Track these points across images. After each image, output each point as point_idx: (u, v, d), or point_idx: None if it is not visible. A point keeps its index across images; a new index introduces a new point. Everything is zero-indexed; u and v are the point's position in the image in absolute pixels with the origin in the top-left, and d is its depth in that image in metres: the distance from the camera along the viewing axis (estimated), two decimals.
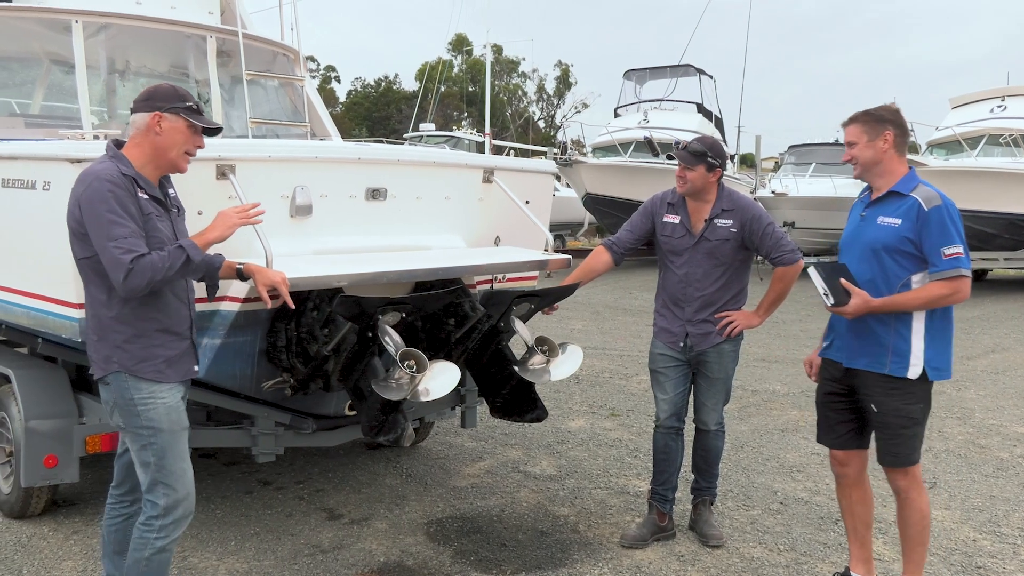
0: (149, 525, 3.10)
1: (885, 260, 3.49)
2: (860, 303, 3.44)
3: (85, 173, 2.96)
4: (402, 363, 3.58)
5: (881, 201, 3.56)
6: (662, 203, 4.47)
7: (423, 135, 28.08)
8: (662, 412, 4.44)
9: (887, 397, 3.53)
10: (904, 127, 3.56)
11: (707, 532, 4.51)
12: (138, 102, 3.06)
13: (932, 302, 3.44)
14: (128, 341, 3.01)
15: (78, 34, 5.61)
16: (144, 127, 3.03)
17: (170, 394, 3.10)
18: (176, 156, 3.07)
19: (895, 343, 3.50)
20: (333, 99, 56.32)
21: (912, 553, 3.66)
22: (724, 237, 4.29)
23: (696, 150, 4.25)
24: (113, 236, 2.85)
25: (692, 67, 25.28)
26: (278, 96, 6.79)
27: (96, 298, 3.02)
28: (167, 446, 3.08)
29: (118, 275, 2.85)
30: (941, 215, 3.39)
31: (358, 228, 4.09)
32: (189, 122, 3.05)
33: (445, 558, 4.27)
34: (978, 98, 20.15)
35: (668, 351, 4.43)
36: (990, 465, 5.92)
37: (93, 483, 5.21)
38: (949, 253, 3.37)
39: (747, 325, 4.38)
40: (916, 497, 3.61)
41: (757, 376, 8.76)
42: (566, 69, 58.92)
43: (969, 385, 8.54)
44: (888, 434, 3.56)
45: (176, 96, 3.06)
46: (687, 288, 4.35)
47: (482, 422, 6.24)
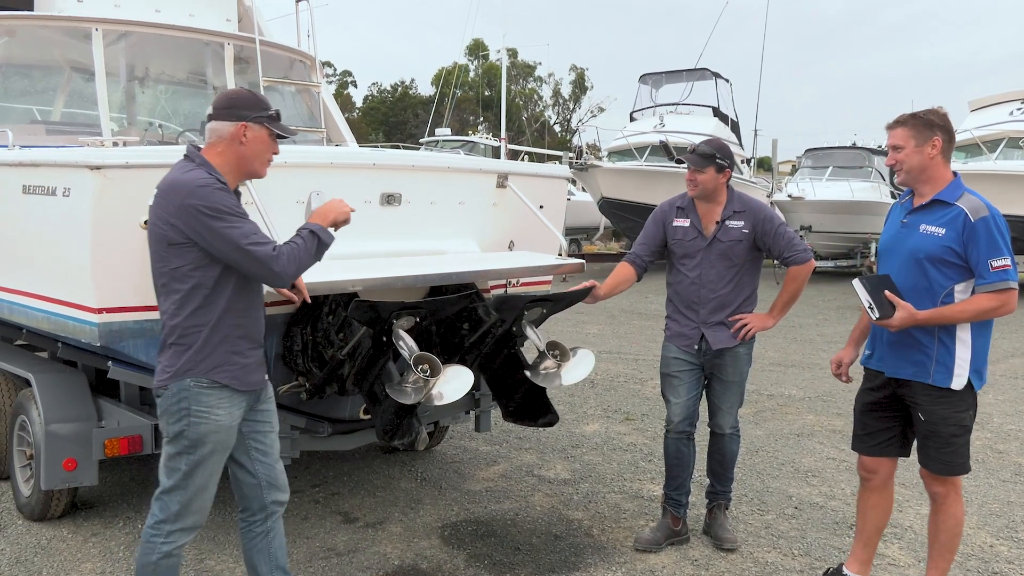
0: (157, 529, 3.10)
1: (928, 269, 3.43)
2: (906, 316, 3.40)
3: (180, 181, 2.91)
4: (416, 367, 3.61)
5: (925, 209, 3.50)
6: (671, 208, 4.48)
7: (439, 140, 28.17)
8: (675, 416, 4.44)
9: (936, 406, 3.48)
10: (952, 133, 3.50)
11: (721, 536, 4.51)
12: (219, 110, 3.05)
13: (979, 314, 3.39)
14: (212, 347, 3.00)
15: (98, 42, 5.68)
16: (228, 136, 3.02)
17: (227, 412, 3.06)
18: (259, 165, 3.11)
19: (939, 353, 3.46)
20: (350, 104, 56.59)
21: (939, 559, 3.63)
22: (737, 238, 4.30)
23: (705, 152, 4.26)
24: (246, 234, 2.89)
25: (708, 71, 25.24)
26: (295, 102, 6.84)
27: (184, 306, 2.98)
28: (201, 462, 3.07)
29: (269, 266, 2.89)
30: (988, 226, 3.34)
31: (373, 233, 4.12)
32: (271, 130, 3.08)
33: (459, 562, 4.29)
34: (997, 101, 19.98)
35: (682, 355, 4.43)
36: (1008, 470, 5.87)
37: (112, 486, 5.26)
38: (997, 265, 3.33)
39: (762, 327, 4.38)
40: (953, 503, 3.57)
41: (773, 380, 8.73)
42: (581, 73, 58.97)
43: (988, 390, 8.47)
44: (939, 443, 3.49)
45: (259, 104, 3.07)
46: (700, 290, 4.36)
47: (496, 426, 6.26)
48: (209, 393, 3.02)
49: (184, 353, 3.00)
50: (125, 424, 4.37)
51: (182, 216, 2.88)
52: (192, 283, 2.96)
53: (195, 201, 2.86)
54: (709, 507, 4.67)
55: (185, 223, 2.88)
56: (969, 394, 3.49)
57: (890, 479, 3.79)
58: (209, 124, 3.06)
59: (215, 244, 2.88)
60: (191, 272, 2.95)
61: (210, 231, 2.86)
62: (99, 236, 3.54)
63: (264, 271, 2.92)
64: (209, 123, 3.06)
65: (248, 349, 3.11)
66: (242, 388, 3.09)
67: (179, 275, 2.96)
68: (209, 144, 3.06)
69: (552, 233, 4.69)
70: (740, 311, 4.36)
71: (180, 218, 2.88)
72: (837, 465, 5.91)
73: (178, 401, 3.02)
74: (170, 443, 3.08)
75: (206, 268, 2.95)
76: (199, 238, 2.89)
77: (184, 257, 2.94)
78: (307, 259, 2.99)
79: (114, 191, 3.49)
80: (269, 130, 3.07)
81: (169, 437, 3.08)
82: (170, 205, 2.90)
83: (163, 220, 2.92)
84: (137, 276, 3.64)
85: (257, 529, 3.35)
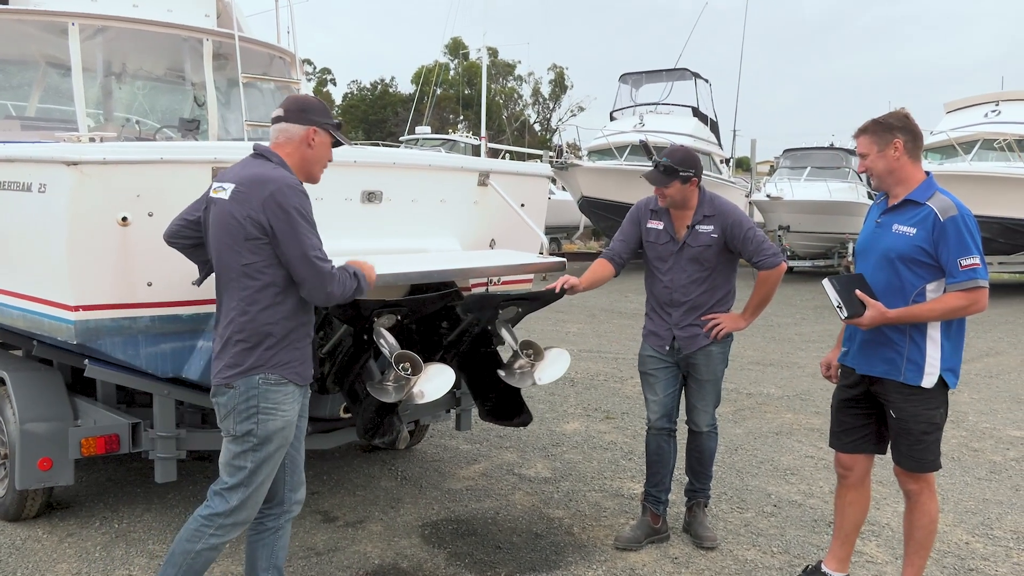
0: (211, 521, 3.11)
1: (900, 269, 3.46)
2: (876, 315, 3.43)
3: (270, 177, 2.93)
4: (397, 366, 3.59)
5: (897, 209, 3.53)
6: (646, 209, 4.50)
7: (419, 138, 28.11)
8: (652, 414, 4.46)
9: (906, 404, 3.51)
10: (915, 132, 3.52)
11: (701, 534, 4.53)
12: (290, 112, 3.10)
13: (949, 313, 3.41)
14: (282, 344, 3.03)
15: (74, 36, 5.62)
16: (298, 139, 3.09)
17: (292, 408, 3.10)
18: (319, 169, 3.19)
19: (911, 351, 3.49)
20: (329, 102, 56.30)
21: (914, 556, 3.67)
22: (706, 243, 4.31)
23: (668, 167, 4.23)
24: (316, 246, 2.94)
25: (688, 71, 25.34)
26: (274, 99, 6.79)
27: (252, 305, 2.98)
28: (267, 459, 3.10)
29: (324, 283, 2.95)
30: (958, 225, 3.36)
31: (354, 231, 4.10)
32: (334, 138, 3.16)
33: (440, 560, 4.28)
34: (973, 103, 20.21)
35: (656, 353, 4.45)
36: (983, 468, 5.94)
37: (88, 486, 5.21)
38: (966, 264, 3.34)
39: (733, 327, 4.40)
40: (927, 501, 3.61)
41: (751, 379, 8.78)
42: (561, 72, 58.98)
43: (963, 388, 8.56)
44: (910, 440, 3.53)
45: (327, 112, 3.16)
46: (673, 293, 4.38)
47: (477, 425, 6.25)
48: (277, 389, 3.04)
49: (253, 350, 3.01)
50: (102, 423, 4.32)
51: (269, 210, 2.89)
52: (265, 280, 2.97)
53: (287, 198, 2.90)
54: (688, 505, 4.69)
55: (272, 216, 2.89)
56: (941, 392, 3.52)
57: (867, 476, 3.82)
58: (278, 125, 3.11)
59: (288, 243, 2.91)
60: (264, 269, 2.96)
61: (292, 230, 2.90)
62: (76, 233, 3.50)
63: (318, 285, 2.97)
64: (278, 124, 3.11)
65: (307, 345, 3.16)
66: (302, 383, 3.14)
67: (252, 271, 2.96)
68: (277, 144, 3.11)
69: (534, 231, 4.69)
70: (714, 312, 4.38)
71: (266, 212, 2.89)
72: (815, 463, 5.95)
73: (247, 399, 3.02)
74: (235, 441, 3.08)
75: (278, 266, 2.97)
76: (280, 233, 2.90)
77: (259, 253, 2.94)
78: (347, 293, 3.06)
79: (91, 187, 3.45)
80: (333, 138, 3.16)
81: (235, 435, 3.07)
82: (256, 198, 2.91)
83: (243, 214, 2.92)
84: (114, 273, 3.60)
85: (269, 524, 3.37)
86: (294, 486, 3.38)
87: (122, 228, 3.51)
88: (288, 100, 3.19)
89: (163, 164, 3.58)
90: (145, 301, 3.71)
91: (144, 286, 3.67)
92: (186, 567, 3.13)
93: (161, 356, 3.87)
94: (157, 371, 3.92)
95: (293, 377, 3.08)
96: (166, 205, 3.41)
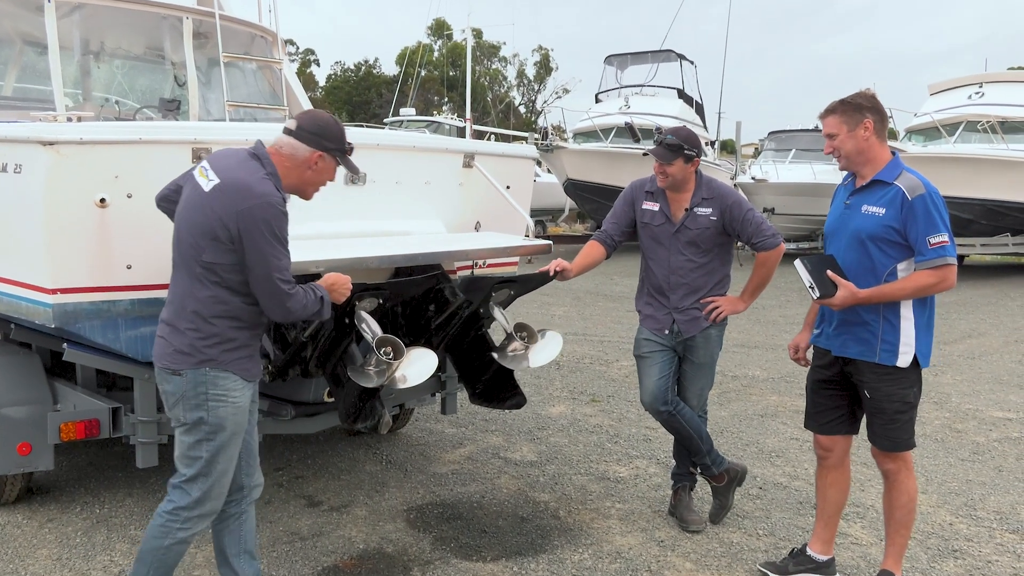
0: (176, 515, 3.08)
1: (871, 249, 3.47)
2: (847, 295, 3.44)
3: (251, 190, 2.87)
4: (379, 350, 3.55)
5: (866, 189, 3.54)
6: (641, 190, 4.45)
7: (403, 120, 27.95)
8: (644, 397, 4.42)
9: (880, 383, 3.54)
10: (882, 112, 3.53)
11: (687, 517, 4.53)
12: (304, 132, 3.02)
13: (919, 291, 3.43)
14: (229, 340, 2.99)
15: (51, 14, 5.50)
16: (301, 159, 3.03)
17: (242, 394, 3.07)
18: (313, 191, 3.16)
19: (885, 331, 3.51)
20: (312, 83, 55.89)
21: (895, 536, 3.69)
22: (705, 226, 4.29)
23: (672, 144, 4.20)
24: (282, 268, 2.90)
25: (673, 52, 25.29)
26: (256, 79, 6.70)
27: (213, 297, 2.94)
28: (223, 446, 3.06)
29: (281, 303, 2.92)
30: (926, 203, 3.37)
31: (337, 213, 4.05)
32: (338, 163, 3.12)
33: (425, 544, 4.26)
34: (956, 84, 20.27)
35: (653, 336, 4.42)
36: (966, 449, 5.97)
37: (69, 470, 5.15)
38: (935, 242, 3.36)
39: (732, 310, 4.38)
40: (905, 479, 3.63)
41: (737, 362, 8.79)
42: (546, 54, 58.80)
43: (946, 370, 8.61)
44: (884, 419, 3.56)
45: (342, 140, 3.09)
46: (671, 276, 4.35)
47: (462, 408, 6.23)
48: (226, 377, 3.01)
49: (204, 341, 2.97)
50: (82, 408, 4.27)
51: (243, 222, 2.84)
52: (223, 281, 2.94)
53: (263, 216, 2.84)
54: (675, 488, 4.68)
55: (244, 230, 2.84)
56: (914, 371, 3.55)
57: (846, 457, 3.84)
58: (287, 138, 3.04)
59: (254, 260, 2.87)
60: (224, 273, 2.92)
61: (260, 250, 2.85)
62: (52, 214, 3.43)
63: (276, 305, 2.94)
64: (288, 137, 3.04)
65: (257, 343, 3.13)
66: (250, 379, 3.11)
67: (212, 269, 2.93)
68: (279, 153, 3.03)
69: (519, 214, 4.64)
70: (712, 295, 4.36)
71: (240, 223, 2.84)
72: (800, 445, 5.96)
73: (195, 387, 2.98)
74: (188, 431, 3.04)
75: (237, 273, 2.93)
76: (248, 248, 2.86)
77: (222, 256, 2.90)
78: (307, 313, 3.03)
79: (68, 168, 3.38)
80: (337, 163, 3.12)
81: (188, 425, 3.03)
82: (231, 206, 2.85)
83: (216, 215, 2.87)
84: (93, 255, 3.54)
85: (232, 511, 3.33)
86: (251, 471, 3.36)
87: (100, 209, 3.44)
88: (306, 117, 3.09)
89: (142, 144, 3.51)
90: (124, 284, 3.65)
91: (123, 269, 3.61)
92: (157, 563, 3.10)
93: (141, 340, 3.81)
94: (138, 355, 3.87)
95: (242, 373, 3.05)
96: (145, 186, 3.35)
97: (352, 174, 3.18)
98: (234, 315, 2.98)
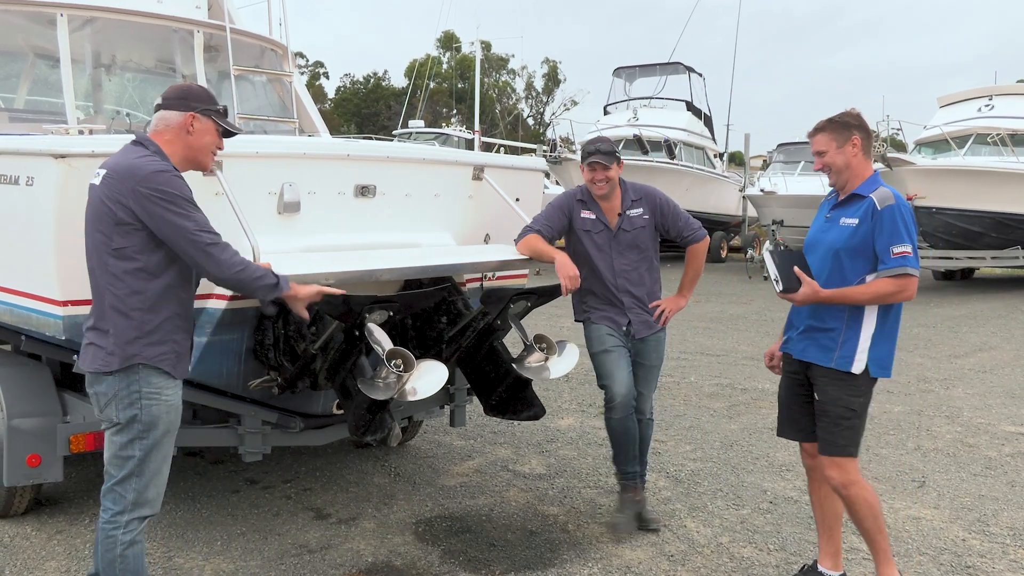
0: (115, 523, 3.07)
1: (843, 260, 3.58)
2: (809, 292, 3.53)
3: (136, 166, 2.93)
4: (389, 362, 3.54)
5: (845, 203, 3.67)
6: (574, 200, 4.56)
7: (412, 132, 28.02)
8: (623, 387, 4.40)
9: (830, 387, 3.62)
10: (868, 131, 3.68)
11: (647, 516, 4.62)
12: (169, 99, 3.10)
13: (880, 298, 3.52)
14: (151, 332, 3.01)
15: (63, 28, 5.54)
16: (176, 125, 3.08)
17: (174, 393, 3.11)
18: (203, 156, 3.16)
19: (846, 338, 3.59)
20: (322, 95, 56.15)
21: (874, 544, 3.69)
22: (640, 225, 4.47)
23: (610, 150, 4.39)
24: (200, 221, 2.94)
25: (682, 65, 25.31)
26: (266, 92, 6.73)
27: (127, 286, 2.98)
28: (156, 444, 3.07)
29: (209, 252, 2.92)
30: (893, 214, 3.49)
31: (346, 225, 4.05)
32: (218, 124, 3.13)
33: (434, 558, 4.24)
34: (966, 97, 20.22)
35: (614, 332, 4.51)
36: (979, 464, 5.92)
37: (77, 482, 5.15)
38: (897, 251, 3.47)
39: (677, 308, 4.60)
40: (858, 491, 3.61)
41: (746, 375, 8.75)
42: (554, 66, 58.95)
43: (957, 384, 8.56)
44: (827, 422, 3.63)
45: (209, 98, 3.15)
46: (617, 279, 4.47)
47: (471, 421, 6.21)
48: (156, 373, 3.04)
49: (125, 336, 3.00)
50: (91, 419, 4.27)
51: (136, 200, 2.90)
52: (135, 265, 2.97)
53: (151, 185, 2.89)
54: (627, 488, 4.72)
55: (139, 207, 2.90)
56: (865, 380, 3.60)
57: None
58: (158, 113, 3.11)
59: (166, 231, 2.92)
60: (135, 255, 2.96)
61: (162, 218, 2.90)
62: (63, 226, 3.44)
63: (203, 258, 2.95)
64: (158, 112, 3.11)
65: (183, 339, 3.14)
66: (177, 376, 3.12)
67: (125, 255, 2.97)
68: (157, 132, 3.10)
69: None
70: (652, 294, 4.54)
71: (134, 201, 2.90)
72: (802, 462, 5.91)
73: (127, 385, 3.01)
74: (121, 431, 3.05)
75: (150, 252, 2.97)
76: (150, 222, 2.91)
77: (129, 238, 2.95)
78: (248, 280, 3.02)
79: (79, 180, 3.38)
80: (216, 124, 3.13)
81: (120, 424, 3.05)
82: (124, 187, 2.92)
83: (112, 200, 2.93)
84: None
85: None
86: None
87: None
88: (169, 88, 3.17)
89: None
90: None
91: None
92: (121, 572, 3.08)
93: None
94: None
95: (168, 368, 3.07)
96: None
97: (233, 130, 3.17)
98: (152, 305, 3.00)
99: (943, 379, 8.77)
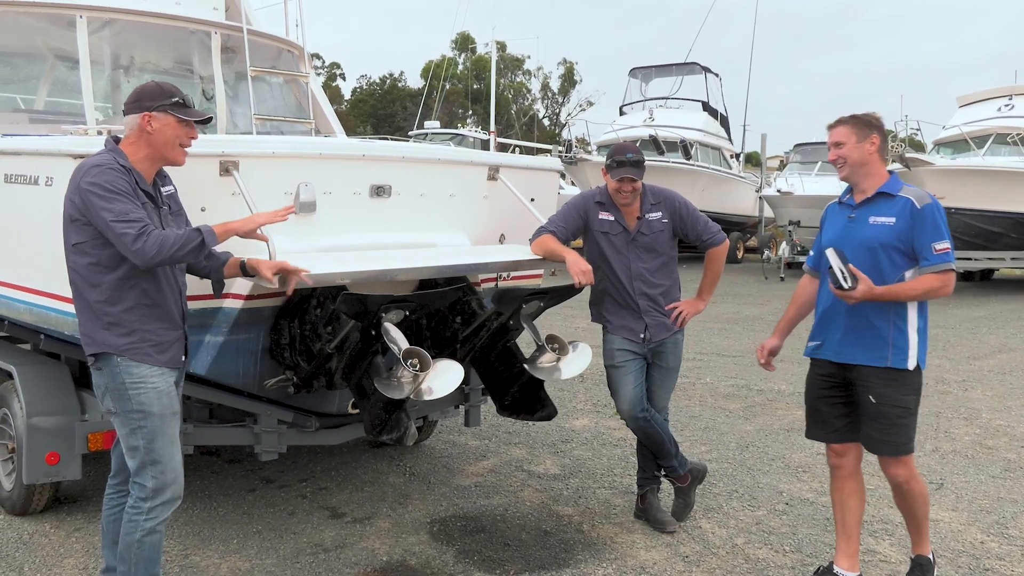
0: (138, 508, 3.17)
1: (880, 257, 3.62)
2: (866, 289, 3.54)
3: (83, 163, 3.08)
4: (405, 362, 3.55)
5: (870, 202, 3.71)
6: (592, 202, 4.54)
7: (428, 132, 28.08)
8: (626, 404, 4.46)
9: (885, 388, 3.64)
10: (886, 134, 3.76)
11: (661, 519, 4.61)
12: (128, 104, 3.17)
13: (926, 293, 3.58)
14: (113, 324, 3.09)
15: (82, 29, 5.59)
16: (136, 128, 3.14)
17: (161, 379, 3.16)
18: (170, 151, 3.18)
19: (894, 337, 3.63)
20: (338, 96, 56.34)
21: (920, 527, 3.85)
22: (659, 229, 4.46)
23: (640, 160, 4.37)
24: (118, 212, 2.96)
25: (698, 65, 25.23)
26: (283, 93, 6.76)
27: (86, 280, 3.08)
28: (157, 430, 3.14)
29: (129, 243, 2.93)
30: (933, 213, 3.57)
31: (362, 225, 4.06)
32: (178, 117, 3.15)
33: (448, 557, 4.25)
34: (985, 97, 20.04)
35: (627, 345, 4.49)
36: (997, 466, 5.87)
37: (96, 480, 5.19)
38: (940, 248, 3.54)
39: (695, 311, 4.57)
40: (917, 485, 3.77)
41: (762, 376, 8.72)
42: (570, 67, 58.92)
43: (976, 385, 8.49)
44: (885, 424, 3.65)
45: (161, 94, 3.15)
46: (634, 283, 4.45)
47: (486, 421, 6.22)
48: (136, 364, 3.12)
49: (93, 326, 3.11)
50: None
51: (79, 194, 3.00)
52: (90, 260, 3.06)
53: (86, 179, 2.99)
54: (642, 493, 4.73)
55: (80, 200, 3.00)
56: (917, 376, 3.67)
57: (858, 464, 3.90)
58: (124, 119, 3.19)
59: (95, 221, 2.99)
60: (89, 250, 3.06)
61: (90, 207, 2.98)
62: None
63: (126, 247, 2.97)
64: (124, 119, 3.19)
65: (160, 329, 3.17)
66: (156, 365, 3.16)
67: (82, 251, 3.07)
68: (124, 138, 3.18)
69: None
70: (670, 298, 4.52)
71: (78, 196, 3.01)
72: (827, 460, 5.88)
73: (113, 378, 3.12)
74: (122, 423, 3.16)
75: (102, 247, 3.04)
76: (87, 215, 3.00)
77: (81, 233, 3.05)
78: (176, 249, 2.99)
79: None
80: (176, 117, 3.14)
81: (118, 415, 3.16)
82: (72, 184, 3.05)
83: (67, 197, 3.06)
84: None
85: (122, 500, 3.41)
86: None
87: None
88: (129, 95, 3.22)
89: None
90: None
91: None
92: (135, 558, 3.19)
93: None
94: None
95: (144, 359, 3.12)
96: None
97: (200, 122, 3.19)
98: (108, 297, 3.07)
99: (961, 381, 8.70)
